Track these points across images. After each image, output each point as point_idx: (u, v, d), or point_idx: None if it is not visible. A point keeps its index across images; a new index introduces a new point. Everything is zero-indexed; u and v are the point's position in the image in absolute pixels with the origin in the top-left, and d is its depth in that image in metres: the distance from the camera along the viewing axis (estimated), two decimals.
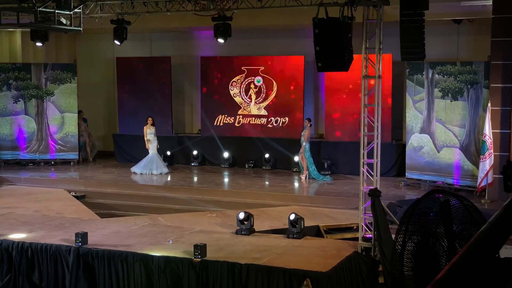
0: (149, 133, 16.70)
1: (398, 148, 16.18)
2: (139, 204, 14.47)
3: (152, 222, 11.98)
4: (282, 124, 17.64)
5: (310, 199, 13.89)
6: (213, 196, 14.50)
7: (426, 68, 14.70)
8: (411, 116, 15.13)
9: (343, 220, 12.11)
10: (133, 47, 18.82)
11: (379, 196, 9.70)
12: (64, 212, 12.91)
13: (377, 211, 9.55)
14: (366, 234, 10.06)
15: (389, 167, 16.01)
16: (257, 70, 17.82)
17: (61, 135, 18.43)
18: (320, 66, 9.90)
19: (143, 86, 18.83)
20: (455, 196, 6.62)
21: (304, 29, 15.65)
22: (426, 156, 14.79)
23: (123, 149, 18.87)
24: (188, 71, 19.44)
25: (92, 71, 20.05)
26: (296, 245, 10.33)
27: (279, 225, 11.56)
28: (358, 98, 11.54)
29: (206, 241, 9.85)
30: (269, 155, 17.40)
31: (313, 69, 16.03)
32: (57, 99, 18.37)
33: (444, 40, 15.82)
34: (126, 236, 10.80)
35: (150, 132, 16.71)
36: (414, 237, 6.86)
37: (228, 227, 11.45)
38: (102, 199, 14.94)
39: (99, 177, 16.46)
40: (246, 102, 17.99)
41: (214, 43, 15.85)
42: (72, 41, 20.35)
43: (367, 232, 10.08)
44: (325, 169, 16.57)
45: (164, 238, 10.65)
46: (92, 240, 10.25)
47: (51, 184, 15.93)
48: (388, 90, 15.82)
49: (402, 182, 15.10)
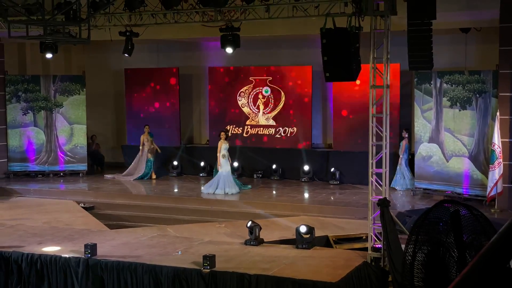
0: (223, 148, 15.56)
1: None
2: (148, 215, 14.48)
3: (161, 233, 11.97)
4: (291, 134, 17.63)
5: (319, 209, 13.85)
6: (221, 207, 14.49)
7: (434, 77, 14.68)
8: (419, 126, 15.09)
9: (352, 230, 12.07)
10: (141, 58, 18.88)
11: (388, 206, 9.67)
12: (73, 224, 12.93)
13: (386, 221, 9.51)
14: (376, 244, 10.02)
15: None
16: (265, 80, 17.85)
17: (70, 146, 18.48)
18: (328, 76, 9.90)
19: (151, 97, 18.89)
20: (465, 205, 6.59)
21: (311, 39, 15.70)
22: (435, 166, 14.74)
23: (132, 160, 18.86)
24: (196, 81, 19.49)
25: (101, 82, 20.12)
26: (305, 255, 10.30)
27: (288, 236, 11.53)
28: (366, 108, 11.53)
29: (215, 252, 9.84)
30: (277, 165, 17.39)
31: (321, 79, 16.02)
32: (66, 110, 18.44)
33: (452, 49, 15.79)
34: (135, 247, 10.80)
35: (226, 147, 15.58)
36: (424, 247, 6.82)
37: (237, 238, 11.43)
38: (111, 210, 14.96)
39: (108, 188, 16.48)
40: (254, 113, 18.00)
41: (221, 53, 15.88)
42: (81, 53, 20.45)
43: (376, 242, 10.04)
44: (334, 179, 16.54)
45: (173, 249, 10.64)
46: (101, 252, 10.25)
47: (60, 195, 15.97)
48: (396, 99, 15.80)
49: (411, 192, 15.04)
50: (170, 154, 18.11)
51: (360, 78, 10.59)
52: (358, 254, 10.36)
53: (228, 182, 15.39)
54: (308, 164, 17.02)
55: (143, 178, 17.42)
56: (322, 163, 17.15)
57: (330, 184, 16.49)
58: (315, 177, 17.13)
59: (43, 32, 12.00)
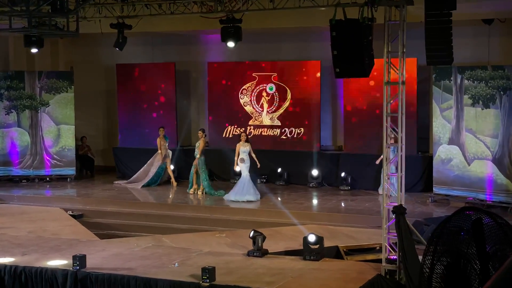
0: (242, 151, 15.39)
1: (425, 160, 16.11)
2: (141, 224, 14.48)
3: (156, 243, 11.98)
4: (297, 135, 17.64)
5: (329, 217, 13.84)
6: (222, 215, 14.50)
7: (454, 73, 14.67)
8: (438, 126, 15.08)
9: (365, 240, 12.06)
10: (135, 52, 18.92)
11: (404, 213, 9.66)
12: (61, 233, 12.94)
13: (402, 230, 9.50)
14: (390, 256, 10.02)
15: (415, 181, 15.94)
16: (269, 76, 17.86)
17: (56, 149, 18.51)
18: (338, 72, 9.90)
19: (145, 95, 18.91)
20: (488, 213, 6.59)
21: (320, 31, 15.73)
22: (455, 169, 14.72)
23: (124, 164, 18.91)
24: (194, 78, 19.51)
25: (91, 79, 20.15)
26: (313, 267, 10.30)
27: (295, 246, 11.54)
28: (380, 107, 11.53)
29: (215, 264, 9.84)
30: (283, 170, 17.38)
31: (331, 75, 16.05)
32: (52, 110, 18.47)
33: (474, 42, 15.78)
34: (127, 259, 10.81)
35: (244, 150, 15.40)
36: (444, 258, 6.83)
37: (239, 248, 11.43)
38: (101, 218, 14.95)
39: (98, 195, 16.49)
40: (258, 112, 18.01)
41: (222, 47, 15.92)
42: (69, 47, 20.49)
43: (391, 253, 10.04)
44: (345, 184, 16.54)
45: (169, 261, 10.65)
46: (91, 263, 10.26)
47: (46, 202, 15.98)
48: (413, 97, 15.79)
49: (429, 198, 15.03)
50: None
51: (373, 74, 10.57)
52: (371, 266, 10.35)
53: (248, 187, 15.26)
54: (316, 168, 17.01)
55: (149, 185, 17.23)
56: (331, 167, 17.14)
57: (341, 190, 16.48)
58: (324, 182, 17.12)
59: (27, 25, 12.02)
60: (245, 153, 15.38)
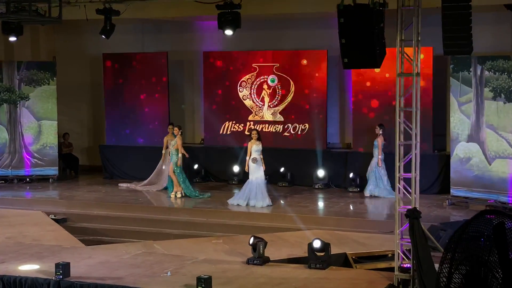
0: (255, 150, 15.12)
1: (441, 159, 16.13)
2: (131, 229, 14.49)
3: (147, 250, 11.99)
4: (302, 132, 17.64)
5: (336, 221, 13.86)
6: (219, 219, 14.50)
7: (474, 63, 14.67)
8: (456, 121, 15.08)
9: (376, 246, 12.07)
10: (123, 41, 18.91)
11: (419, 217, 9.66)
12: (42, 239, 12.95)
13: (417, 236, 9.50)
14: (404, 264, 10.02)
15: (431, 182, 15.97)
16: (271, 67, 17.86)
17: (37, 146, 18.52)
18: (346, 63, 9.89)
19: (135, 88, 18.90)
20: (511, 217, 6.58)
21: (327, 18, 15.72)
22: (475, 169, 14.73)
23: (111, 163, 18.92)
24: (188, 69, 19.50)
25: (75, 70, 20.15)
26: (319, 277, 10.31)
27: (299, 253, 11.55)
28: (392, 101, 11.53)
29: (211, 273, 9.85)
30: (286, 169, 17.39)
31: (338, 65, 16.07)
32: (33, 104, 18.47)
33: (495, 30, 15.78)
34: (115, 267, 10.82)
35: (257, 149, 15.14)
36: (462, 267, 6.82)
37: (238, 256, 11.44)
38: (87, 222, 14.97)
39: (83, 197, 16.51)
40: (258, 106, 18.02)
41: (219, 35, 15.89)
42: (51, 35, 20.48)
43: (404, 261, 10.04)
44: (354, 185, 16.55)
45: (161, 269, 10.66)
46: (76, 272, 10.27)
47: (26, 205, 15.98)
48: (428, 90, 15.79)
49: (447, 201, 15.05)
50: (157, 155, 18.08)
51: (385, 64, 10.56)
52: (383, 276, 10.36)
53: (255, 192, 15.07)
54: (322, 168, 17.02)
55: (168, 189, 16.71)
56: (339, 167, 17.15)
57: (349, 192, 16.50)
58: (331, 183, 17.15)
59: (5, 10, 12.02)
60: (257, 153, 15.15)
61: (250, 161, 15.12)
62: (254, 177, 15.18)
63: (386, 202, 15.22)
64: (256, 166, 15.14)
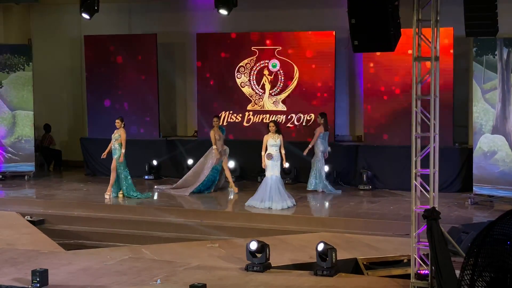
0: (271, 144, 15.08)
1: (463, 154, 16.16)
2: (116, 232, 14.51)
3: (134, 256, 12.01)
4: (307, 123, 17.64)
5: (345, 222, 13.87)
6: (214, 220, 14.53)
7: (500, 46, 14.67)
8: (479, 111, 15.09)
9: (390, 251, 12.09)
10: (107, 22, 18.92)
11: (438, 218, 9.67)
12: (17, 243, 12.96)
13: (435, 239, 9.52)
14: (421, 270, 10.04)
15: (451, 179, 16.02)
16: (272, 51, 17.86)
17: (11, 140, 18.53)
18: (356, 45, 9.89)
19: (120, 74, 18.90)
20: None
21: None
22: (501, 165, 14.74)
23: (94, 158, 18.93)
24: (180, 53, 19.50)
25: (53, 54, 20.15)
26: (326, 284, 10.33)
27: (303, 258, 11.57)
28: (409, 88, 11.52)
29: (205, 281, 9.86)
30: (290, 165, 17.39)
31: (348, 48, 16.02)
32: (6, 92, 18.47)
33: None
34: (99, 274, 10.83)
35: (274, 144, 15.09)
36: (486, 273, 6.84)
37: (235, 261, 11.46)
38: (66, 224, 14.98)
39: (63, 196, 16.53)
40: (258, 94, 18.03)
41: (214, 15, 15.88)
42: (26, 15, 20.47)
43: (421, 267, 10.06)
44: (365, 182, 16.55)
45: (149, 277, 10.67)
46: (54, 280, 10.28)
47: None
48: (448, 76, 15.79)
49: (469, 200, 15.07)
50: (146, 150, 18.11)
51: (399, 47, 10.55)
52: (398, 283, 10.38)
53: (270, 192, 14.95)
54: (330, 163, 17.02)
55: (201, 191, 16.57)
56: (349, 162, 17.18)
57: (360, 190, 16.55)
58: (340, 180, 17.17)
59: None
60: (274, 147, 15.05)
61: (265, 156, 15.05)
62: (269, 175, 15.09)
63: (400, 201, 15.21)
64: (272, 163, 15.04)
